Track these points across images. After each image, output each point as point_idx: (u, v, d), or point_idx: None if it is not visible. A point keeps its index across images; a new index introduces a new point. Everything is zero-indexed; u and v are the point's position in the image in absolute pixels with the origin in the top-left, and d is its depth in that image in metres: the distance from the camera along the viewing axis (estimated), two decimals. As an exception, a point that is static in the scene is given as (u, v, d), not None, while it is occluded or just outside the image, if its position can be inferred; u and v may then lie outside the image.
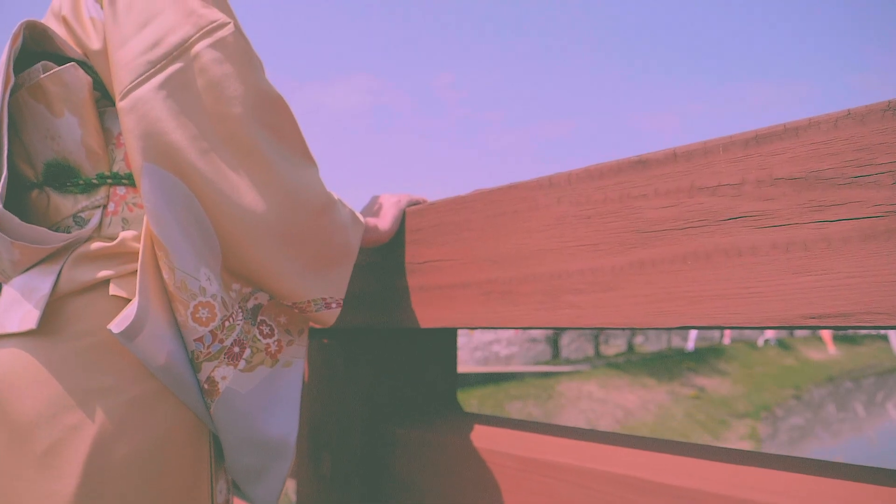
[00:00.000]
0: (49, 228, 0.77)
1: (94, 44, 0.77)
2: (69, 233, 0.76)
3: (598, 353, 15.46)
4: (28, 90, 0.76)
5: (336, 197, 0.84)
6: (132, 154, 0.72)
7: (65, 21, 0.80)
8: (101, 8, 0.77)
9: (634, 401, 11.14)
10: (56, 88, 0.75)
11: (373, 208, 0.99)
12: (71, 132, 0.76)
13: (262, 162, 0.76)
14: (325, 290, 0.82)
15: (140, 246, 0.74)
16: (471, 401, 9.57)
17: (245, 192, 0.75)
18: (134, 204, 0.78)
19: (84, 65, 0.78)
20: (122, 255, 0.75)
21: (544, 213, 0.79)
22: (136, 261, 0.75)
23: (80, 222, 0.77)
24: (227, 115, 0.74)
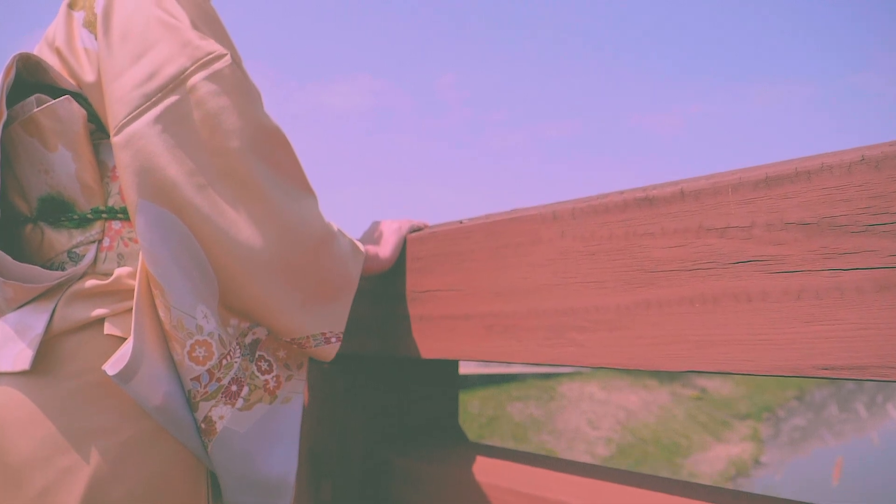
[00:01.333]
0: (43, 264, 0.76)
1: (88, 76, 0.76)
2: (64, 270, 0.75)
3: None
4: (21, 124, 0.74)
5: (336, 228, 0.82)
6: (127, 190, 0.71)
7: (58, 52, 0.78)
8: (96, 38, 0.76)
9: (636, 402, 11.13)
10: (50, 122, 0.73)
11: (373, 235, 0.98)
12: (65, 166, 0.75)
13: (261, 196, 0.74)
14: (325, 325, 0.81)
15: (136, 283, 0.73)
16: (472, 402, 9.55)
17: (243, 228, 0.73)
18: (130, 238, 0.77)
19: (78, 96, 0.77)
20: (118, 292, 0.74)
21: (547, 247, 0.77)
22: (132, 298, 0.73)
23: (74, 258, 0.75)
24: (225, 148, 0.73)
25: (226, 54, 0.74)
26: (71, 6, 0.80)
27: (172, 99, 0.72)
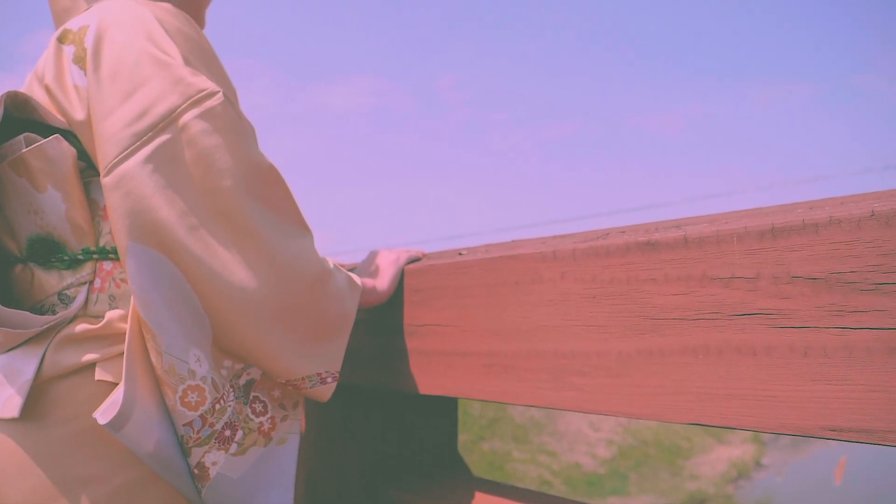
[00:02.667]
0: (33, 306, 0.74)
1: (78, 114, 0.74)
2: (54, 312, 0.73)
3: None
4: (10, 164, 0.73)
5: (332, 265, 0.81)
6: (117, 233, 0.69)
7: (48, 89, 0.77)
8: (85, 75, 0.74)
9: (637, 403, 11.09)
10: (39, 163, 0.72)
11: (370, 268, 0.96)
12: (55, 207, 0.73)
13: (254, 236, 0.73)
14: (321, 365, 0.79)
15: (127, 327, 0.71)
16: (473, 404, 9.54)
17: (236, 269, 0.72)
18: (121, 280, 0.75)
19: (68, 134, 0.75)
20: (109, 336, 0.72)
21: (548, 287, 0.76)
22: (123, 342, 0.72)
23: (65, 300, 0.74)
24: (217, 188, 0.71)
25: (218, 92, 0.72)
26: (60, 40, 0.79)
27: (163, 138, 0.70)
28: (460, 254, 0.95)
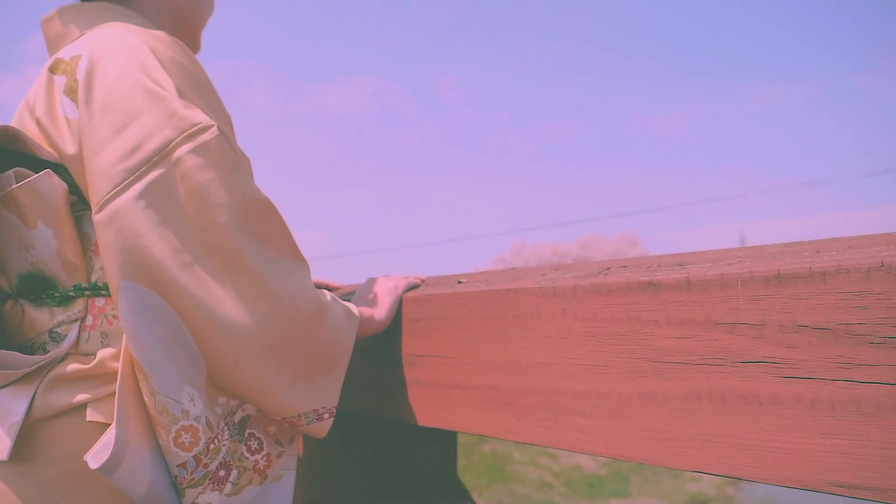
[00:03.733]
0: (24, 343, 0.73)
1: (69, 147, 0.73)
2: (45, 351, 0.72)
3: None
4: (0, 200, 0.71)
5: (328, 298, 0.80)
6: (109, 271, 0.68)
7: (38, 122, 0.75)
8: (77, 107, 0.73)
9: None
10: (29, 199, 0.70)
11: (367, 296, 0.95)
12: (45, 243, 0.72)
13: (249, 272, 0.71)
14: (317, 401, 0.78)
15: (119, 366, 0.70)
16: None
17: (231, 306, 0.70)
18: (113, 316, 0.74)
19: (59, 167, 0.74)
20: (100, 376, 0.71)
21: (547, 324, 0.74)
22: (115, 382, 0.70)
23: (56, 338, 0.73)
24: (212, 224, 0.70)
25: (212, 125, 0.71)
26: (52, 70, 0.77)
27: (157, 173, 0.69)
28: (459, 282, 0.94)
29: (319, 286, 1.18)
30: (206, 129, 0.70)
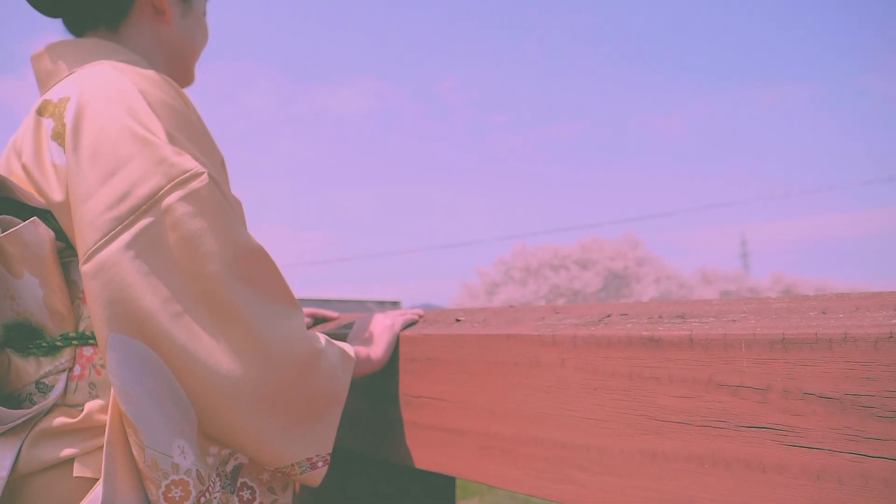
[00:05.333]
0: (10, 394, 0.72)
1: (56, 195, 0.71)
2: (32, 402, 0.70)
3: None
4: (-15, 249, 0.70)
5: (322, 343, 0.78)
6: (97, 323, 0.67)
7: (25, 168, 0.74)
8: (65, 152, 0.71)
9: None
10: (15, 249, 0.69)
11: (363, 334, 0.93)
12: (32, 293, 0.70)
13: (241, 321, 0.70)
14: (311, 449, 0.76)
15: (107, 418, 0.68)
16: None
17: (222, 357, 0.69)
18: (101, 366, 0.72)
19: (46, 213, 0.73)
20: (88, 429, 0.69)
21: (547, 373, 0.73)
22: (103, 435, 0.69)
23: (43, 389, 0.71)
24: (202, 273, 0.69)
25: (203, 173, 0.69)
26: (40, 112, 0.76)
27: (146, 221, 0.67)
28: (458, 320, 0.93)
29: (316, 317, 1.16)
30: (196, 176, 0.69)
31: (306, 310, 1.17)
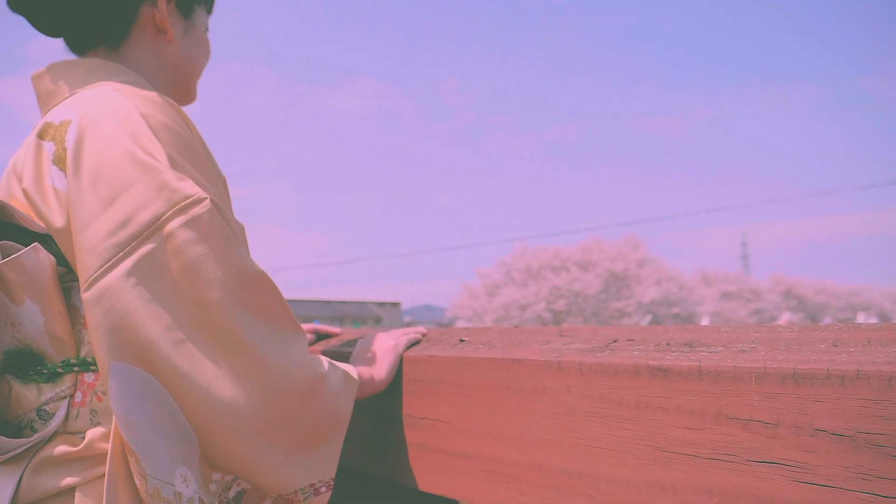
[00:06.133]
0: (11, 421, 0.71)
1: (57, 220, 0.71)
2: (33, 429, 0.70)
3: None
4: (-15, 275, 0.69)
5: (325, 368, 0.77)
6: (98, 352, 0.66)
7: (26, 193, 0.73)
8: (66, 177, 0.71)
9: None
10: (15, 276, 0.68)
11: (366, 354, 0.93)
12: (33, 320, 0.69)
13: (243, 348, 0.69)
14: (314, 475, 0.75)
15: (109, 446, 0.68)
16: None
17: (224, 384, 0.68)
18: (103, 392, 0.72)
19: (47, 238, 0.72)
20: (89, 458, 0.69)
21: (553, 399, 0.72)
22: (105, 464, 0.68)
23: (44, 416, 0.70)
24: (204, 299, 0.68)
25: (205, 198, 0.68)
26: (41, 136, 0.75)
27: (147, 247, 0.67)
28: (462, 340, 0.92)
29: (318, 333, 1.16)
30: (198, 201, 0.68)
31: (308, 326, 1.17)
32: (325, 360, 0.79)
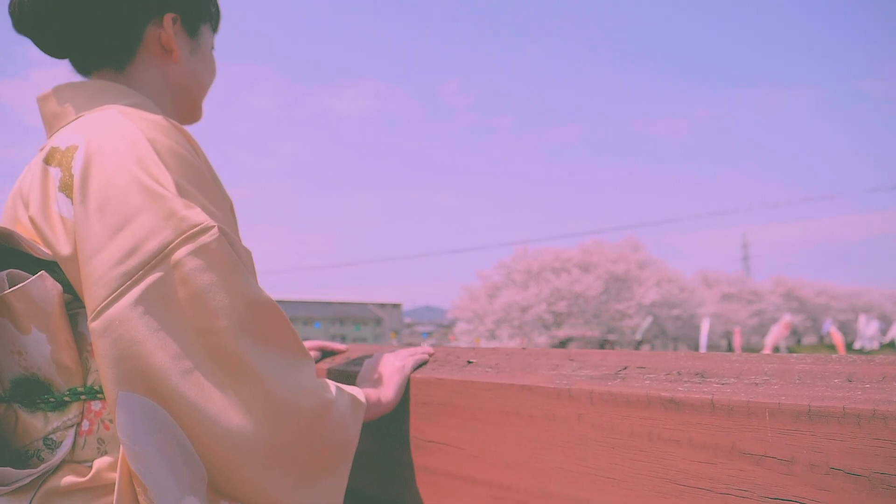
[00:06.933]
0: (17, 450, 0.70)
1: (64, 248, 0.70)
2: (40, 458, 0.69)
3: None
4: (-8, 304, 0.69)
5: (332, 393, 0.77)
6: (106, 382, 0.65)
7: (32, 221, 0.73)
8: (72, 204, 0.70)
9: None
10: (22, 305, 0.68)
11: (372, 376, 0.92)
12: (39, 348, 0.69)
13: (251, 376, 0.69)
14: (321, 501, 0.75)
15: (116, 475, 0.67)
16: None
17: (232, 413, 0.67)
18: (110, 421, 0.71)
19: (53, 264, 0.71)
20: (97, 488, 0.68)
21: (563, 428, 0.72)
22: (112, 494, 0.68)
23: (51, 445, 0.70)
24: (212, 328, 0.67)
25: (213, 227, 0.68)
26: (47, 161, 0.75)
27: (155, 276, 0.66)
28: (469, 361, 0.91)
29: (324, 351, 1.15)
30: (206, 230, 0.68)
31: (313, 344, 1.16)
32: (332, 384, 0.78)
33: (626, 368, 0.73)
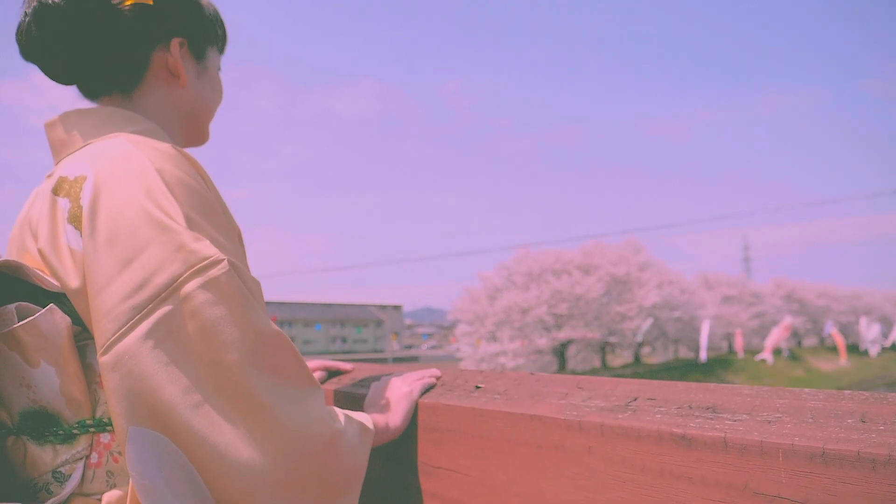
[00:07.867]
0: (26, 483, 0.70)
1: (73, 281, 0.70)
2: (49, 492, 0.69)
3: (604, 365, 15.38)
4: (1, 337, 0.68)
5: (341, 423, 0.76)
6: (116, 417, 0.65)
7: (41, 253, 0.72)
8: (81, 236, 0.70)
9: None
10: (31, 338, 0.67)
11: (380, 401, 0.92)
12: (48, 382, 0.69)
13: (260, 409, 0.68)
14: (331, 533, 0.75)
15: (126, 510, 0.67)
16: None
17: (242, 446, 0.67)
18: (119, 454, 0.71)
19: (62, 296, 0.71)
20: (106, 522, 0.68)
21: (573, 459, 0.71)
22: (121, 528, 0.67)
23: (60, 479, 0.70)
24: (222, 361, 0.67)
25: (222, 260, 0.68)
26: (55, 192, 0.75)
27: (165, 310, 0.66)
28: (477, 387, 0.91)
29: (329, 371, 1.15)
30: (215, 263, 0.68)
31: (318, 363, 1.16)
32: (340, 413, 0.78)
33: (636, 399, 0.73)
